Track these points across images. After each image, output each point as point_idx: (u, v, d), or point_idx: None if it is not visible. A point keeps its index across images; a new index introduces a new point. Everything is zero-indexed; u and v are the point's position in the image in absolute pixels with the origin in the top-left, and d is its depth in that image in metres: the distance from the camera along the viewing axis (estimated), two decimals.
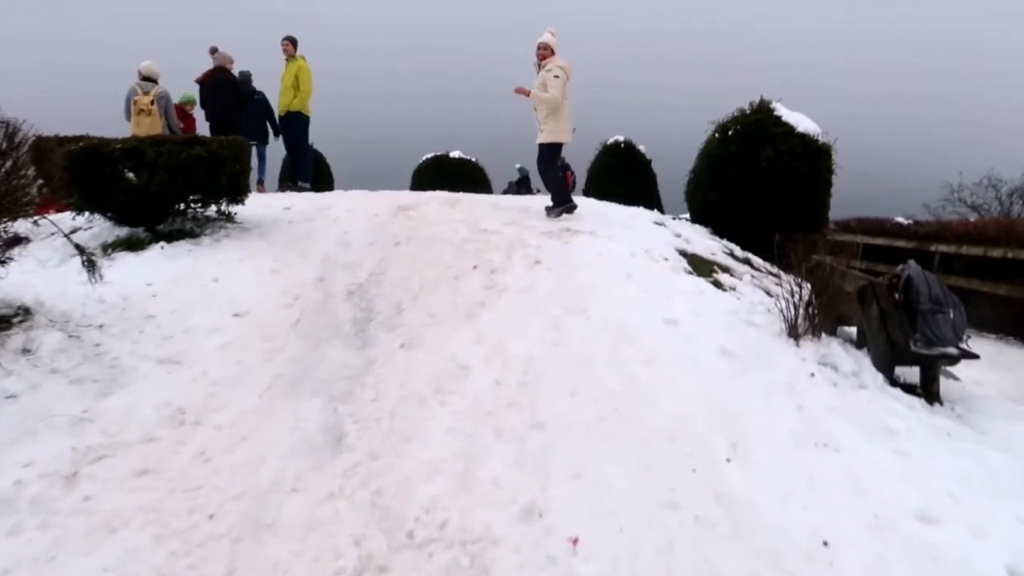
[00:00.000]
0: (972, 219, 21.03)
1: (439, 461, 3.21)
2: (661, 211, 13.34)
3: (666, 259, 6.45)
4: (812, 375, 4.43)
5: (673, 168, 16.10)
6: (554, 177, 7.97)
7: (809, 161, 9.56)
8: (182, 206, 6.19)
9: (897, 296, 4.84)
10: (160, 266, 5.36)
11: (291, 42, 9.82)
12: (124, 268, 5.35)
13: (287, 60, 9.87)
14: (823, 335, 4.97)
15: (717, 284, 6.29)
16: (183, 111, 10.16)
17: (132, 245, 5.86)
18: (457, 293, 5.18)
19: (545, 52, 7.67)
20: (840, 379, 4.50)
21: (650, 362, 4.26)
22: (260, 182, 10.97)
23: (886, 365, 4.87)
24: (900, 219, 14.43)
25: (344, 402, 3.75)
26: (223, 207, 6.59)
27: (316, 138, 18.25)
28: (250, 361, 4.12)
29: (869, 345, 5.08)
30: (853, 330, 5.58)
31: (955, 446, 3.79)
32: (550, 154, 7.80)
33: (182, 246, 5.81)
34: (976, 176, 21.87)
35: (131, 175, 5.63)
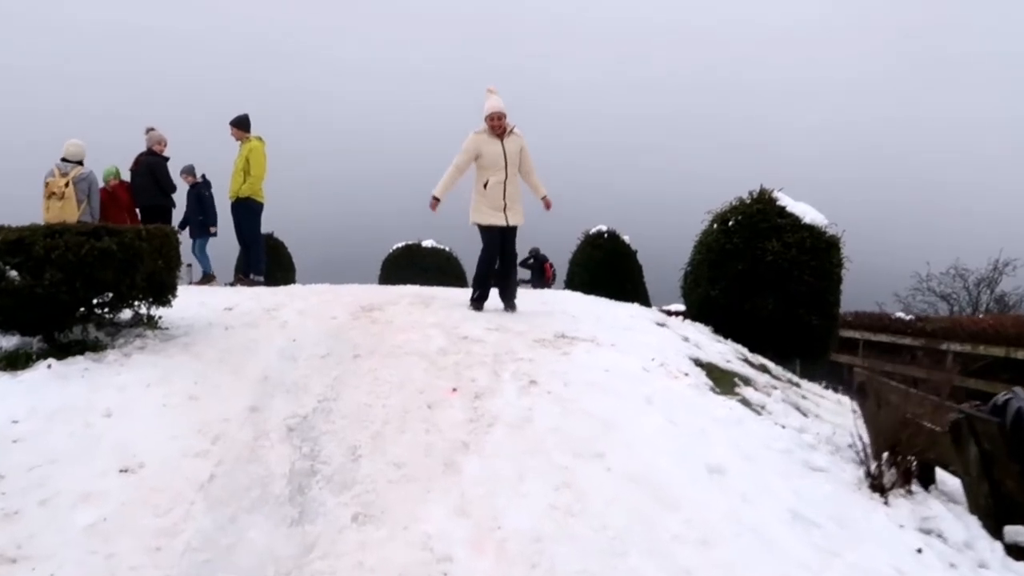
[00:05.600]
0: (942, 309, 20.72)
1: None
2: (648, 304, 12.40)
3: (686, 374, 5.33)
4: (919, 551, 3.25)
5: (654, 257, 15.30)
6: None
7: (818, 255, 8.71)
8: (85, 310, 4.93)
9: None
10: (40, 394, 4.05)
11: (236, 126, 8.82)
12: None
13: (240, 143, 8.85)
14: (913, 485, 3.82)
15: (745, 403, 5.19)
16: (104, 190, 8.81)
17: (13, 362, 4.54)
18: (432, 430, 3.95)
19: (504, 122, 6.72)
20: (954, 555, 3.33)
21: (705, 542, 3.03)
22: (208, 276, 9.75)
23: (993, 525, 3.72)
24: (900, 314, 13.64)
25: None
26: (142, 310, 5.34)
27: (280, 223, 17.26)
28: (127, 553, 2.80)
29: (967, 496, 3.93)
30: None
31: None
32: None
33: (77, 364, 4.51)
34: (943, 266, 21.57)
35: (13, 273, 4.40)
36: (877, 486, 3.70)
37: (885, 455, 3.76)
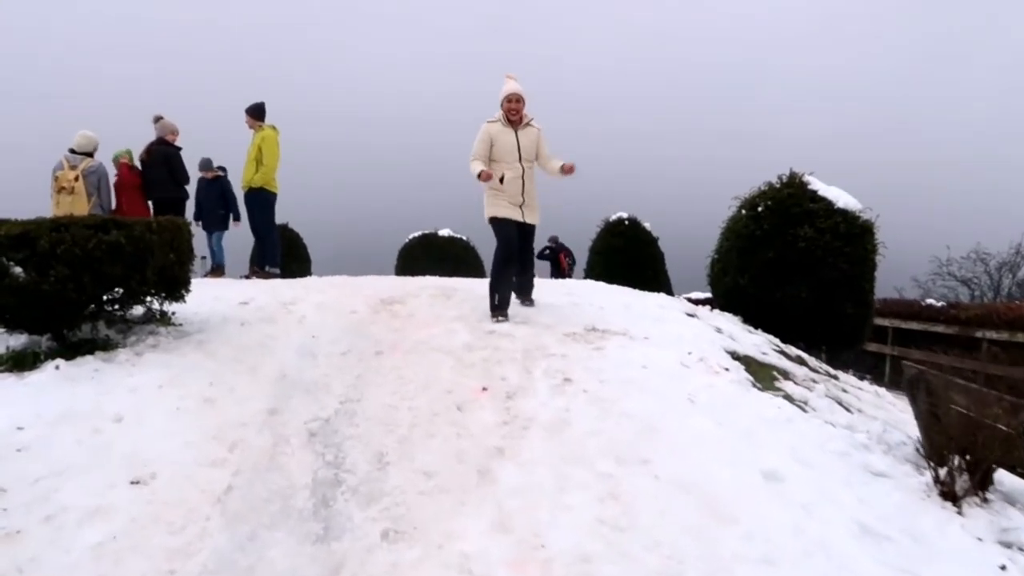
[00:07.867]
0: (963, 294, 20.13)
1: None
2: (671, 293, 12.11)
3: (726, 369, 5.03)
4: (1003, 568, 2.95)
5: (673, 243, 14.92)
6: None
7: (852, 240, 8.35)
8: (94, 307, 4.69)
9: None
10: (47, 397, 3.82)
11: (250, 114, 8.55)
12: None
13: (253, 132, 8.58)
14: (986, 493, 3.51)
15: (788, 398, 4.89)
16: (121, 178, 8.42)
17: (20, 362, 4.33)
18: (463, 434, 3.69)
19: (521, 106, 6.11)
20: None
21: (769, 561, 2.75)
22: (218, 267, 9.54)
23: None
24: (931, 300, 13.20)
25: None
26: (154, 306, 5.10)
27: (294, 214, 17.03)
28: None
29: None
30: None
31: None
32: None
33: (87, 364, 4.28)
34: (963, 250, 20.93)
35: (18, 270, 4.16)
36: (948, 494, 3.39)
37: (956, 459, 3.45)
